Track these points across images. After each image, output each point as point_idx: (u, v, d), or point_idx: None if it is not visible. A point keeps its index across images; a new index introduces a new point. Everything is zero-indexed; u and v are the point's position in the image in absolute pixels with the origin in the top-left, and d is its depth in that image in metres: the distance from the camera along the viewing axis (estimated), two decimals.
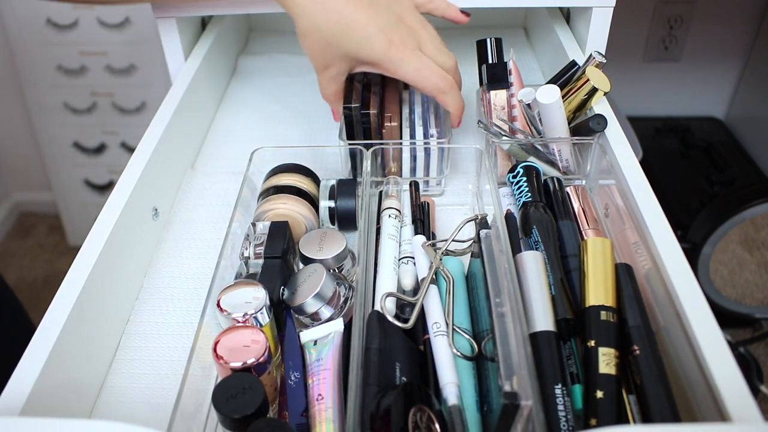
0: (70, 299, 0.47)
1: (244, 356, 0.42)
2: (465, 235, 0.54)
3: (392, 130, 0.63)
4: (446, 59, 0.61)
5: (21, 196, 1.89)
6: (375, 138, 0.63)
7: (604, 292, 0.46)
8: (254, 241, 0.53)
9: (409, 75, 0.58)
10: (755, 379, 1.23)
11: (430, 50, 0.60)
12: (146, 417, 0.48)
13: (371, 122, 0.62)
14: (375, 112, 0.61)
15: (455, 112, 0.62)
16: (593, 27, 0.72)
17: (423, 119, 0.66)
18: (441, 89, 0.59)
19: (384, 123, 0.63)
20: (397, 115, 0.64)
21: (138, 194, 0.58)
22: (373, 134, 0.63)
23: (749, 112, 1.43)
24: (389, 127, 0.63)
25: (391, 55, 0.57)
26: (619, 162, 0.56)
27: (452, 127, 0.64)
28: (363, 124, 0.62)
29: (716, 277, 1.25)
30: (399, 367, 0.43)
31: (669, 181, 1.31)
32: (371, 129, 0.62)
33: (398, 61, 0.58)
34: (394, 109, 0.64)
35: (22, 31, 1.45)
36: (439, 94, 0.60)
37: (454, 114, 0.62)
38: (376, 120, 0.62)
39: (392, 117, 0.63)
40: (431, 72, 0.59)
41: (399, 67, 0.58)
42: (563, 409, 0.40)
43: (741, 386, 0.38)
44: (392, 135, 0.63)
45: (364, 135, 0.63)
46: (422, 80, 0.59)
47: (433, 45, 0.60)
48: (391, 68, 0.58)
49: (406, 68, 0.58)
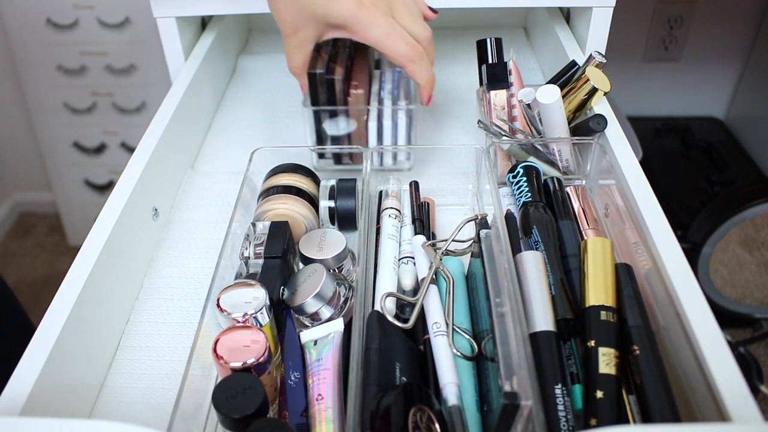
0: (70, 299, 0.47)
1: (244, 356, 0.42)
2: (465, 235, 0.54)
3: (358, 97, 0.61)
4: (420, 29, 0.59)
5: (21, 196, 1.89)
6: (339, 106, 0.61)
7: (604, 292, 0.46)
8: (254, 241, 0.53)
9: (378, 39, 0.57)
10: (755, 379, 1.23)
11: (404, 17, 0.58)
12: (146, 417, 0.48)
13: (336, 88, 0.60)
14: (340, 78, 0.59)
15: (424, 84, 0.60)
16: (593, 27, 0.72)
17: (392, 95, 0.64)
18: (410, 57, 0.58)
19: (350, 90, 0.61)
20: (365, 84, 0.61)
21: (138, 194, 0.58)
22: (338, 102, 0.61)
23: (749, 112, 1.43)
24: (355, 95, 0.61)
25: (360, 16, 0.56)
26: (619, 162, 0.56)
27: (421, 103, 0.62)
28: (327, 90, 0.60)
29: (716, 277, 1.25)
30: (399, 367, 0.43)
31: (669, 181, 1.31)
32: (336, 96, 0.60)
33: (368, 24, 0.56)
34: (361, 78, 0.62)
35: (22, 31, 1.45)
36: (407, 63, 0.58)
37: (422, 87, 0.60)
38: (341, 86, 0.59)
39: (358, 85, 0.61)
40: (401, 38, 0.57)
41: (368, 30, 0.56)
42: (563, 409, 0.40)
43: (741, 386, 0.38)
44: (358, 103, 0.61)
45: (329, 102, 0.61)
46: (391, 45, 0.57)
47: (407, 12, 0.59)
48: (360, 31, 0.57)
49: (376, 31, 0.56)
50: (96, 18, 1.42)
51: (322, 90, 0.60)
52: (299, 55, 0.60)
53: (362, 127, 0.62)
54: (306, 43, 0.60)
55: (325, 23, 0.58)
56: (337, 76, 0.59)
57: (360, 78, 0.62)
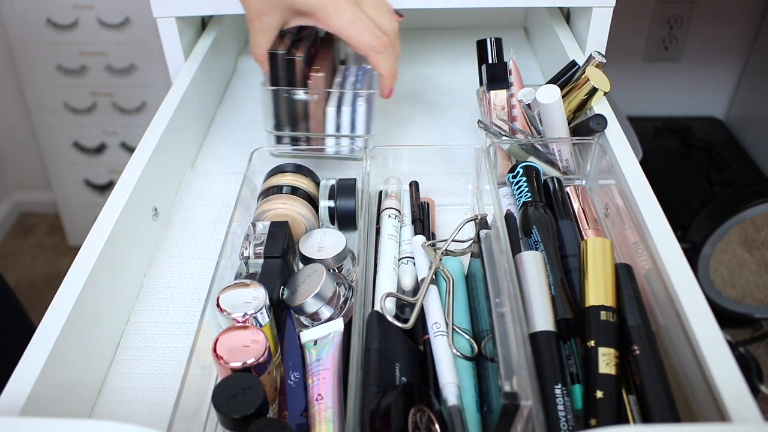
0: (70, 299, 0.47)
1: (244, 356, 0.42)
2: (465, 235, 0.54)
3: (318, 80, 0.60)
4: (386, 22, 0.59)
5: (21, 196, 1.89)
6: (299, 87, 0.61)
7: (604, 292, 0.46)
8: (254, 241, 0.53)
9: (343, 27, 0.57)
10: (755, 379, 1.23)
11: (370, 8, 0.58)
12: (146, 417, 0.48)
13: (296, 69, 0.59)
14: (300, 59, 0.59)
15: (386, 75, 0.60)
16: (593, 27, 0.72)
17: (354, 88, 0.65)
18: (374, 47, 0.58)
19: (310, 73, 0.60)
20: (326, 70, 0.61)
21: (138, 194, 0.58)
22: (298, 83, 0.61)
23: (749, 112, 1.43)
24: (315, 77, 0.60)
25: (326, 4, 0.56)
26: (619, 162, 0.56)
27: (382, 95, 0.62)
28: (287, 71, 0.59)
29: (716, 277, 1.25)
30: (399, 368, 0.43)
31: (669, 181, 1.31)
32: (296, 78, 0.60)
33: (333, 12, 0.56)
34: (323, 64, 0.61)
35: (22, 31, 1.45)
36: (371, 53, 0.58)
37: (384, 78, 0.61)
38: (301, 68, 0.59)
39: (319, 69, 0.60)
40: (365, 27, 0.57)
41: (333, 18, 0.56)
42: (563, 409, 0.40)
43: (741, 386, 0.38)
44: (318, 86, 0.61)
45: (288, 84, 0.60)
46: (355, 35, 0.57)
47: (374, 4, 0.59)
48: (325, 18, 0.57)
49: (341, 20, 0.56)
50: (96, 18, 1.42)
51: (283, 71, 0.60)
52: (263, 41, 0.60)
53: (321, 113, 0.61)
54: (271, 29, 0.60)
55: (290, 9, 0.58)
56: (297, 57, 0.59)
57: (322, 64, 0.61)
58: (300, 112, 0.62)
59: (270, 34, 0.60)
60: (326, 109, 0.61)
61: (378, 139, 0.76)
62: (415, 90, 0.85)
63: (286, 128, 0.63)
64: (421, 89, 0.86)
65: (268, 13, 0.58)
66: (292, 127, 0.63)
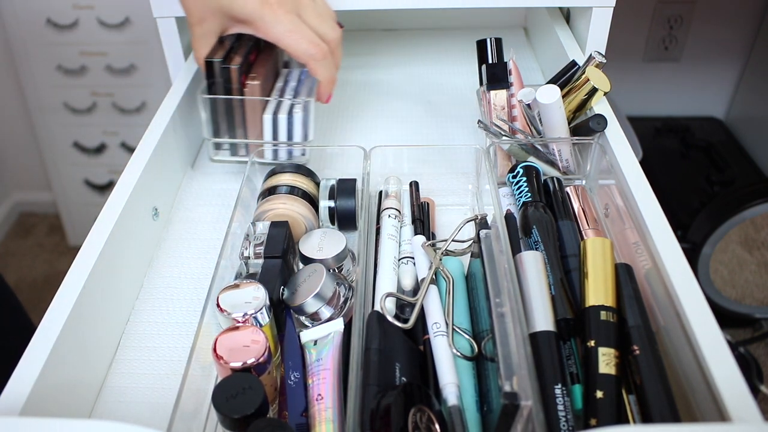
0: (70, 299, 0.47)
1: (244, 356, 0.42)
2: (465, 235, 0.54)
3: (254, 88, 0.61)
4: (328, 30, 0.60)
5: (21, 196, 1.89)
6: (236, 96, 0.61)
7: (603, 292, 0.46)
8: (254, 241, 0.53)
9: (281, 37, 0.57)
10: (755, 379, 1.23)
11: (311, 17, 0.59)
12: (146, 417, 0.48)
13: (232, 78, 0.60)
14: (236, 67, 0.59)
15: (324, 82, 0.61)
16: (593, 27, 0.72)
17: (295, 93, 0.65)
18: (312, 55, 0.58)
19: (246, 81, 0.61)
20: (263, 77, 0.62)
21: (138, 194, 0.58)
22: (234, 92, 0.61)
23: (749, 112, 1.43)
24: (251, 86, 0.61)
25: (264, 13, 0.56)
26: (619, 162, 0.56)
27: (320, 101, 0.62)
28: (224, 79, 0.60)
29: (716, 277, 1.25)
30: (399, 368, 0.43)
31: (669, 181, 1.31)
32: (232, 86, 0.60)
33: (271, 21, 0.57)
34: (261, 72, 0.62)
35: (22, 31, 1.45)
36: (309, 61, 0.59)
37: (322, 84, 0.61)
38: (237, 76, 0.60)
39: (256, 76, 0.61)
40: (303, 36, 0.58)
41: (271, 27, 0.57)
42: (563, 409, 0.40)
43: (741, 386, 0.38)
44: (254, 94, 0.61)
45: (225, 92, 0.61)
46: (292, 44, 0.58)
47: (315, 13, 0.59)
48: (263, 28, 0.57)
49: (278, 29, 0.57)
50: (96, 18, 1.42)
51: (220, 78, 0.60)
52: (204, 47, 0.61)
53: (259, 120, 0.62)
54: (210, 35, 0.60)
55: (229, 16, 0.58)
56: (233, 65, 0.59)
57: (259, 71, 0.62)
58: (238, 120, 0.62)
59: (209, 39, 0.61)
60: (263, 117, 0.62)
61: (378, 139, 0.76)
62: (415, 90, 0.85)
63: (224, 135, 0.64)
64: (421, 89, 0.86)
65: (208, 19, 0.59)
66: (231, 134, 0.64)
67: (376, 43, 0.97)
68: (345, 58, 0.94)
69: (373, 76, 0.89)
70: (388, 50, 0.95)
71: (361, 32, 0.99)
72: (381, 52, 0.95)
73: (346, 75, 0.89)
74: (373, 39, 0.98)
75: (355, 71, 0.90)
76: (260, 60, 0.64)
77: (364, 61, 0.92)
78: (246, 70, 0.61)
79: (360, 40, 0.98)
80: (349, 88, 0.86)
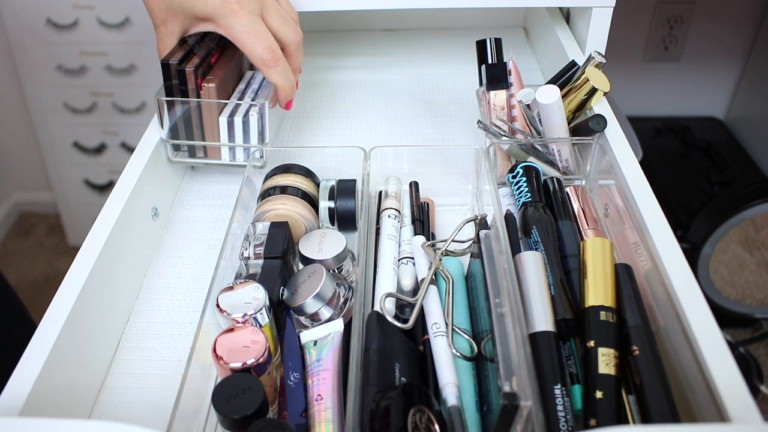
0: (70, 299, 0.47)
1: (244, 357, 0.42)
2: (465, 235, 0.54)
3: (210, 90, 0.61)
4: (289, 33, 0.60)
5: (21, 196, 1.89)
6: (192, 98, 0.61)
7: (603, 292, 0.46)
8: (254, 242, 0.53)
9: (240, 36, 0.57)
10: (755, 379, 1.23)
11: (273, 19, 0.59)
12: (146, 417, 0.48)
13: (188, 80, 0.60)
14: (192, 69, 0.59)
15: (280, 88, 0.61)
16: (593, 27, 0.72)
17: (255, 95, 0.66)
18: (264, 61, 0.58)
19: (201, 84, 0.61)
20: (221, 79, 0.62)
21: (138, 194, 0.58)
22: (191, 94, 0.61)
23: (749, 112, 1.43)
24: (207, 88, 0.61)
25: (224, 11, 0.56)
26: (619, 162, 0.56)
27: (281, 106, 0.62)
28: (180, 81, 0.60)
29: (716, 277, 1.25)
30: (398, 368, 0.43)
31: (669, 181, 1.31)
32: (188, 88, 0.60)
33: (231, 20, 0.57)
34: (219, 75, 0.62)
35: (22, 31, 1.45)
36: (262, 66, 0.59)
37: (279, 90, 0.61)
38: (193, 78, 0.60)
39: (212, 79, 0.61)
40: (259, 39, 0.58)
41: (230, 26, 0.57)
42: (562, 409, 0.40)
43: (741, 386, 0.38)
44: (209, 96, 0.61)
45: (182, 93, 0.61)
46: (249, 45, 0.58)
47: (278, 15, 0.59)
48: (224, 26, 0.57)
49: (238, 29, 0.57)
50: (96, 18, 1.42)
51: (175, 81, 0.60)
52: (168, 46, 0.61)
53: (215, 122, 0.62)
54: (173, 35, 0.60)
55: (191, 15, 0.59)
56: (189, 67, 0.59)
57: (217, 74, 0.62)
58: (195, 122, 0.63)
59: (172, 39, 0.61)
60: (218, 119, 0.62)
61: (378, 139, 0.76)
62: (415, 90, 0.85)
63: (182, 137, 0.64)
64: (421, 89, 0.86)
65: (170, 19, 0.59)
66: (188, 136, 0.64)
67: (376, 43, 0.97)
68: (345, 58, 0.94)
69: (373, 76, 0.89)
70: (388, 50, 0.95)
71: (361, 32, 0.99)
72: (381, 52, 0.95)
73: (347, 75, 0.89)
74: (373, 39, 0.98)
75: (355, 71, 0.90)
76: (221, 62, 0.64)
77: (364, 61, 0.92)
78: (204, 73, 0.62)
79: (360, 40, 0.98)
80: (349, 88, 0.86)
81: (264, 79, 0.69)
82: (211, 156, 0.65)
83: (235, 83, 0.68)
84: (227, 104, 0.63)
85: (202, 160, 0.66)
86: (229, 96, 0.65)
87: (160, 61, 0.60)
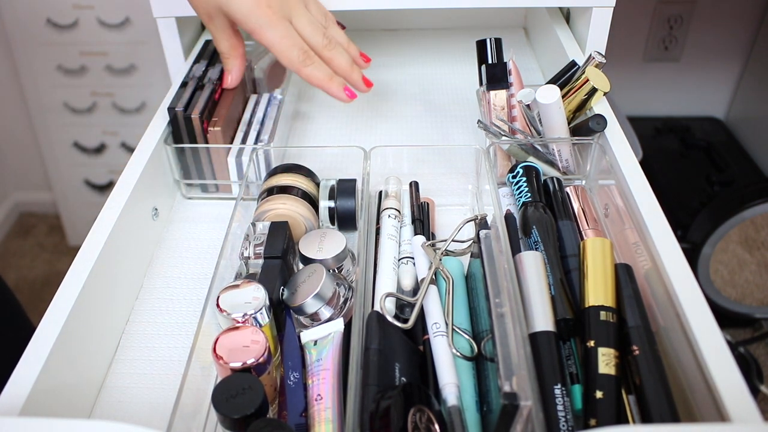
0: (70, 299, 0.47)
1: (244, 356, 0.42)
2: (465, 235, 0.54)
3: (216, 134, 0.63)
4: (320, 39, 0.60)
5: (21, 196, 1.89)
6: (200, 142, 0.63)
7: (603, 292, 0.46)
8: (254, 241, 0.53)
9: (274, 41, 0.58)
10: (755, 379, 1.23)
11: (303, 24, 0.59)
12: (146, 417, 0.48)
13: (194, 126, 0.62)
14: (197, 116, 0.61)
15: (322, 85, 0.60)
16: (593, 27, 0.72)
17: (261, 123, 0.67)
18: (302, 62, 0.59)
19: (207, 128, 0.62)
20: (225, 119, 0.64)
21: (138, 194, 0.58)
22: (198, 138, 0.63)
23: (749, 112, 1.43)
24: (213, 132, 0.62)
25: (258, 14, 0.57)
26: (619, 162, 0.56)
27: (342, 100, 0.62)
28: (187, 128, 0.62)
29: (716, 277, 1.25)
30: (398, 368, 0.43)
31: (669, 181, 1.31)
32: (195, 133, 0.62)
33: (264, 24, 0.57)
34: (222, 114, 0.64)
35: (22, 31, 1.45)
36: (301, 68, 0.59)
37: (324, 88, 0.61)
38: (199, 123, 0.61)
39: (217, 121, 0.63)
40: (293, 43, 0.58)
41: (264, 30, 0.57)
42: (563, 409, 0.40)
43: (741, 386, 0.38)
44: (216, 140, 0.63)
45: (190, 139, 0.63)
46: (283, 50, 0.58)
47: (307, 20, 0.60)
48: (257, 29, 0.58)
49: (272, 33, 0.57)
50: (96, 18, 1.42)
51: (183, 127, 0.62)
52: (224, 40, 0.62)
53: (224, 161, 0.64)
54: (226, 29, 0.61)
55: (228, 15, 0.59)
56: (194, 115, 0.61)
57: (221, 114, 0.64)
58: (205, 162, 0.65)
59: (226, 32, 0.62)
60: (227, 160, 0.64)
61: (378, 139, 0.76)
62: (415, 90, 0.85)
63: (194, 177, 0.66)
64: (421, 89, 0.86)
65: (215, 16, 0.60)
66: (200, 176, 0.66)
67: (376, 43, 0.97)
68: None
69: (373, 76, 0.89)
70: (388, 50, 0.95)
71: (361, 32, 0.99)
72: (381, 52, 0.95)
73: None
74: (373, 39, 0.98)
75: None
76: (224, 98, 0.66)
77: None
78: (209, 115, 0.63)
79: (360, 40, 0.98)
80: None
81: (268, 105, 0.70)
82: (223, 191, 0.67)
83: (241, 112, 0.69)
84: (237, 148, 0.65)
85: (215, 194, 0.68)
86: (235, 129, 0.67)
87: (167, 108, 0.62)
